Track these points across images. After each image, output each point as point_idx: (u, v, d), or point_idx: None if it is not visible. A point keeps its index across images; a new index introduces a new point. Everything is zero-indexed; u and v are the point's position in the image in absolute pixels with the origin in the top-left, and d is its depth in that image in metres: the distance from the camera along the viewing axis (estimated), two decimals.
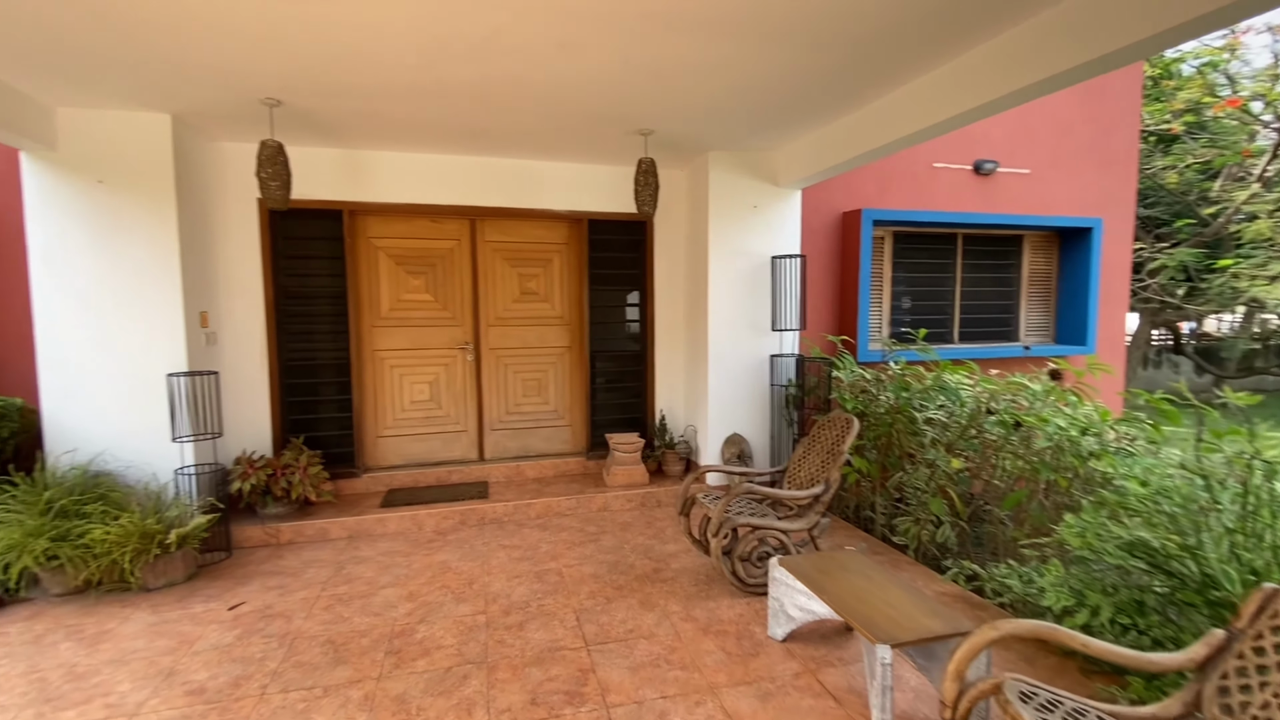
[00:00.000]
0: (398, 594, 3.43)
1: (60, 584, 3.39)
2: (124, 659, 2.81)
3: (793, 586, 2.86)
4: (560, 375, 5.53)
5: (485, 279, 5.28)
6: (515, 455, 5.45)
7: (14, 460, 3.70)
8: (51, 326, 3.78)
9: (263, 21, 2.71)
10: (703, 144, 4.69)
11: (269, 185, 3.72)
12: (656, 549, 4.03)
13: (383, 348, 5.12)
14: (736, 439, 5.01)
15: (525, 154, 4.91)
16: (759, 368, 5.07)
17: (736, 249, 4.97)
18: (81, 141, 3.77)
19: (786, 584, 2.88)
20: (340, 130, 4.24)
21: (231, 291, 4.58)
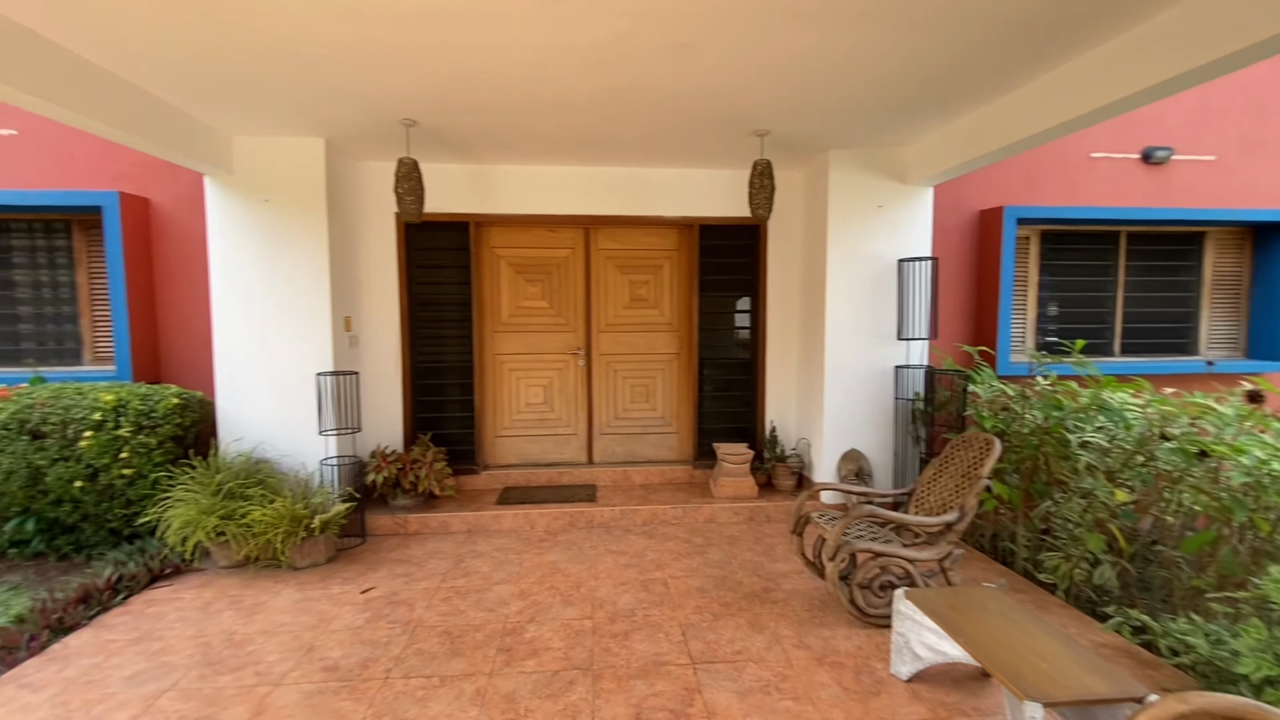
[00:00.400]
0: (510, 591, 3.53)
1: (225, 557, 3.83)
2: (273, 631, 3.10)
3: (920, 622, 2.60)
4: (668, 382, 5.49)
5: (597, 286, 5.37)
6: (622, 460, 5.48)
7: (194, 445, 4.24)
8: (225, 329, 4.30)
9: (401, 47, 2.90)
10: (822, 142, 4.47)
11: (404, 199, 4.00)
12: (766, 567, 3.86)
13: (502, 352, 5.34)
14: (855, 455, 4.70)
15: (638, 162, 4.93)
16: (881, 379, 4.73)
17: (858, 252, 4.68)
18: (252, 165, 4.26)
19: (914, 619, 2.62)
20: (468, 146, 4.48)
21: (371, 298, 4.99)
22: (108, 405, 3.87)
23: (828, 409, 4.72)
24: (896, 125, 4.12)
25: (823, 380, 4.73)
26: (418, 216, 4.09)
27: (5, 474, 3.84)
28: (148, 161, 4.67)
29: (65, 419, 3.83)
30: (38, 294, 4.81)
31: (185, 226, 4.76)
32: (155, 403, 3.98)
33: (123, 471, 3.87)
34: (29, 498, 3.93)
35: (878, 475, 4.78)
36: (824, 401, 4.72)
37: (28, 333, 4.82)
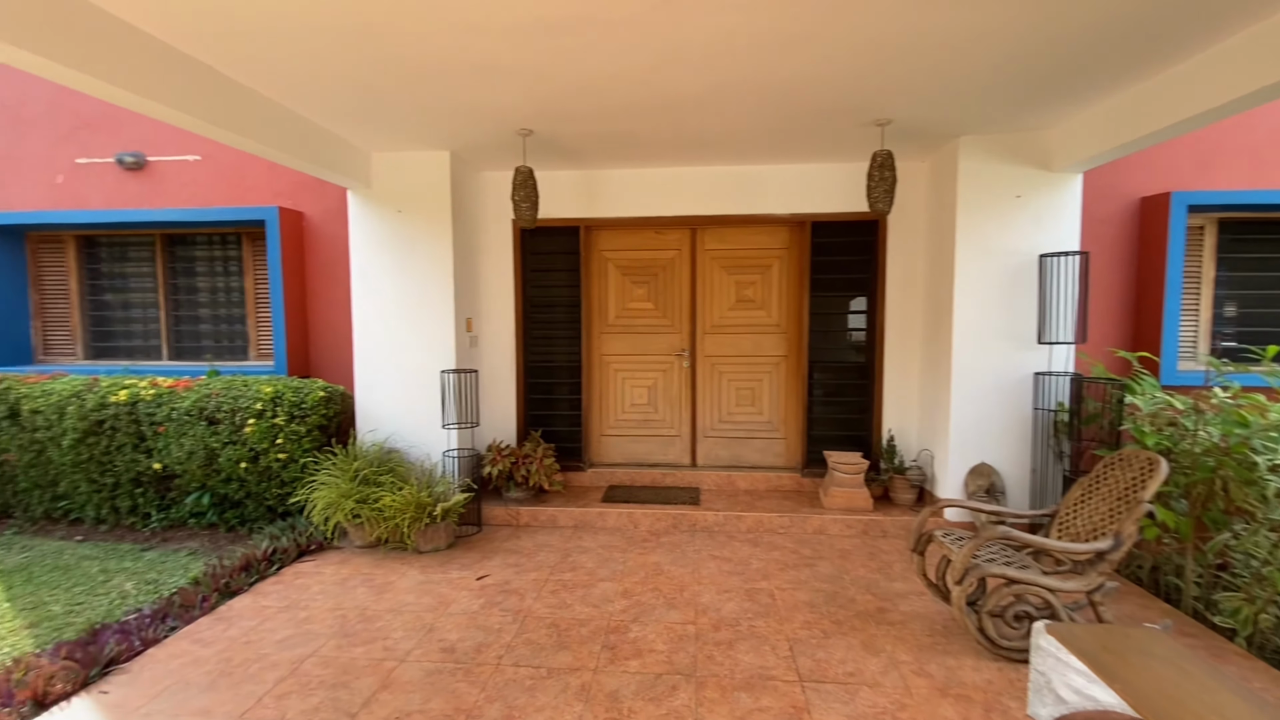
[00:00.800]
0: (614, 589, 3.57)
1: (360, 538, 4.19)
2: (399, 610, 3.34)
3: (1066, 661, 2.31)
4: (775, 385, 5.32)
5: (703, 287, 5.32)
6: (727, 464, 5.38)
7: (336, 434, 4.68)
8: (363, 328, 4.70)
9: (519, 59, 3.02)
10: (951, 129, 4.13)
11: (520, 206, 4.17)
12: (881, 585, 3.62)
13: (608, 352, 5.44)
14: (985, 470, 4.30)
15: (747, 160, 4.82)
16: (1017, 387, 4.30)
17: (992, 247, 4.28)
18: (388, 179, 4.63)
19: (1057, 657, 2.33)
20: (579, 153, 4.59)
21: (489, 301, 5.26)
22: (267, 396, 4.36)
23: (954, 419, 4.36)
24: (1039, 106, 3.72)
25: (948, 387, 4.38)
26: (532, 222, 4.25)
27: (187, 454, 4.43)
28: (302, 179, 5.22)
29: (234, 407, 4.37)
30: (214, 298, 5.52)
31: (332, 237, 5.27)
32: (305, 395, 4.43)
33: (278, 455, 4.34)
34: (205, 475, 4.52)
35: (1012, 493, 4.34)
36: (950, 410, 4.37)
37: (206, 331, 5.56)
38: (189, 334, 5.58)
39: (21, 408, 4.59)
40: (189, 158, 5.31)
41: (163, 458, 4.51)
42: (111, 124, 5.35)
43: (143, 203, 5.38)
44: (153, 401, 4.48)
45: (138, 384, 4.58)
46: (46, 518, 4.88)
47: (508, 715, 2.45)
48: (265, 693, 2.61)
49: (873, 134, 4.13)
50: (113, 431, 4.53)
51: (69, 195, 5.43)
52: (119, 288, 5.63)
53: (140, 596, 3.63)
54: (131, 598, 3.62)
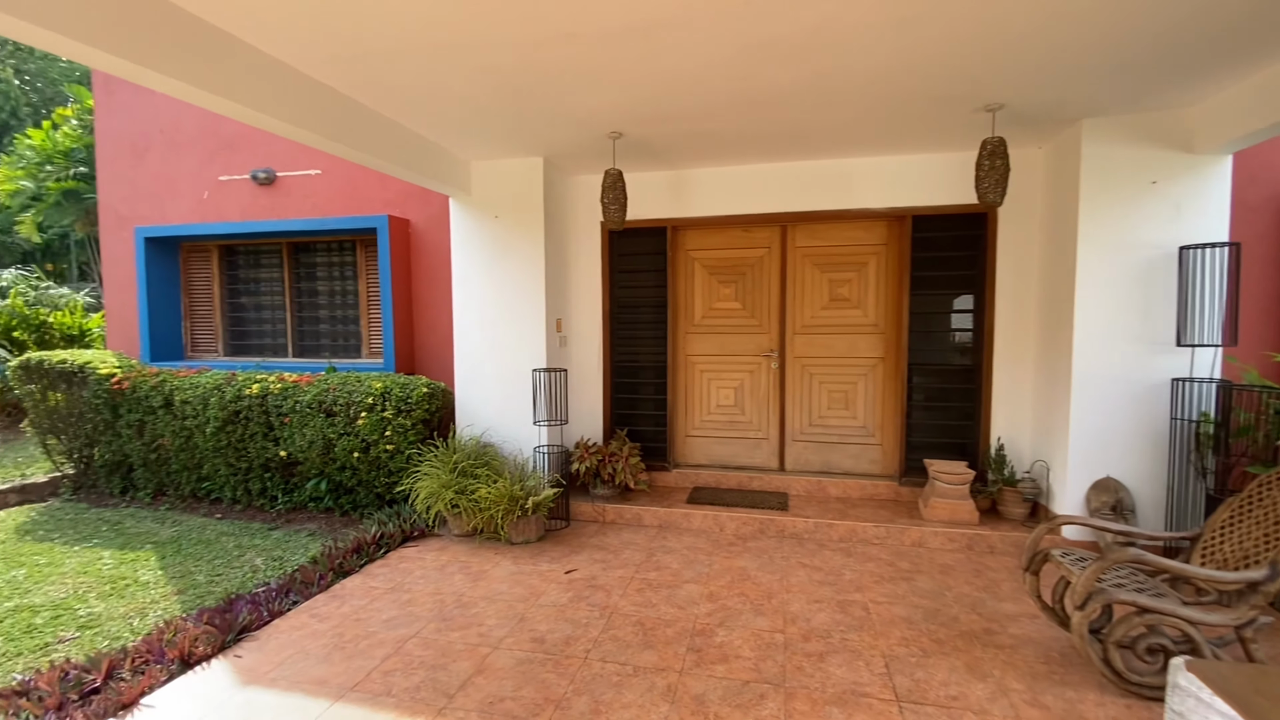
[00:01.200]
0: (699, 591, 3.54)
1: (458, 527, 4.41)
2: (493, 598, 3.48)
3: (1210, 704, 2.04)
4: (871, 389, 5.09)
5: (793, 286, 5.17)
6: (817, 470, 5.21)
7: (438, 428, 4.96)
8: (462, 328, 4.95)
9: (611, 63, 3.06)
10: (1072, 111, 3.78)
11: (610, 208, 4.24)
12: (988, 605, 3.37)
13: (694, 353, 5.41)
14: (1111, 485, 3.90)
15: (841, 153, 4.64)
16: (1150, 394, 3.87)
17: (1120, 239, 3.87)
18: (485, 186, 4.85)
19: (1199, 698, 2.07)
20: (667, 153, 4.60)
21: (578, 301, 5.38)
22: (377, 392, 4.69)
23: (1074, 428, 3.99)
24: (1180, 81, 3.33)
25: (1068, 393, 4.01)
26: (621, 224, 4.30)
27: (308, 443, 4.84)
28: (408, 189, 5.57)
29: (348, 401, 4.73)
30: (332, 300, 6.00)
31: (435, 242, 5.59)
32: (410, 391, 4.72)
33: (386, 447, 4.65)
34: (323, 463, 4.92)
35: (1143, 512, 3.91)
36: (1070, 419, 4.00)
37: (325, 331, 6.05)
38: (310, 333, 6.09)
39: (174, 399, 5.19)
40: (311, 172, 5.81)
41: (288, 446, 4.95)
42: (247, 144, 5.95)
43: (272, 214, 5.93)
44: (280, 395, 4.93)
45: (267, 379, 5.05)
46: (193, 496, 5.49)
47: (594, 709, 2.49)
48: (373, 668, 2.80)
49: (982, 120, 3.85)
50: (246, 421, 5.03)
51: (213, 209, 6.09)
52: (252, 291, 6.25)
53: (268, 571, 4.00)
54: (261, 572, 4.00)
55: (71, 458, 5.69)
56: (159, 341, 6.21)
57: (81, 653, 3.01)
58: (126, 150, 6.33)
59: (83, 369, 5.38)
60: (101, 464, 5.61)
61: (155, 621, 3.34)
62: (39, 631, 3.26)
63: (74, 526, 4.88)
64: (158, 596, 3.70)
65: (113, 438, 5.49)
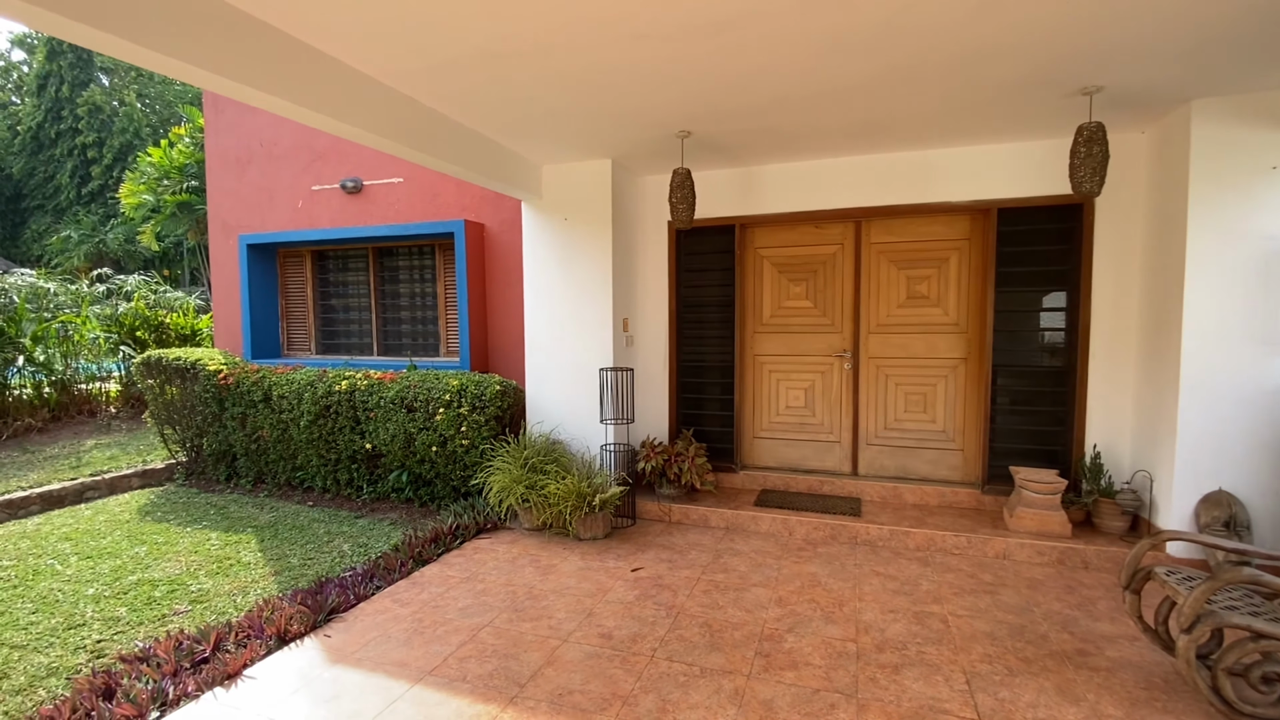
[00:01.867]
0: (767, 595, 3.49)
1: (529, 521, 4.53)
2: (561, 592, 3.56)
3: None
4: (952, 391, 4.86)
5: (868, 283, 5.00)
6: (892, 475, 5.02)
7: (510, 425, 5.12)
8: (533, 328, 5.08)
9: (680, 61, 3.07)
10: (1180, 91, 3.47)
11: (678, 207, 4.24)
12: (1081, 623, 3.15)
13: (762, 353, 5.33)
14: (1224, 499, 3.56)
15: (919, 144, 4.45)
16: (1270, 400, 3.50)
17: (1236, 230, 3.52)
18: (555, 189, 4.96)
19: None
20: (736, 150, 4.56)
21: (645, 301, 5.42)
22: (453, 389, 4.89)
23: (1182, 435, 3.66)
24: None
25: (1176, 397, 3.68)
26: (689, 223, 4.30)
27: (391, 436, 5.11)
28: (483, 194, 5.77)
29: (427, 398, 4.95)
30: (413, 301, 6.31)
31: (508, 245, 5.77)
32: (484, 388, 4.90)
33: (461, 441, 4.84)
34: (404, 456, 5.17)
35: (1260, 530, 3.54)
36: (1177, 425, 3.67)
37: (406, 331, 6.36)
38: (393, 333, 6.43)
39: (273, 393, 5.60)
40: (393, 180, 6.12)
41: (373, 439, 5.24)
42: (337, 155, 6.33)
43: (359, 221, 6.30)
44: (366, 391, 5.23)
45: (355, 376, 5.37)
46: (288, 484, 5.90)
47: (661, 707, 2.50)
48: (450, 654, 2.92)
49: (1077, 104, 3.60)
50: (336, 415, 5.36)
51: (306, 217, 6.52)
52: (341, 294, 6.65)
53: (354, 557, 4.25)
54: (348, 557, 4.25)
55: (184, 446, 6.24)
56: (259, 340, 6.71)
57: (193, 625, 3.29)
58: (232, 164, 6.88)
59: (194, 365, 5.89)
60: (210, 453, 6.12)
61: (255, 599, 3.61)
62: (158, 604, 3.59)
63: (186, 509, 5.35)
64: (257, 576, 4.00)
65: (219, 429, 5.98)
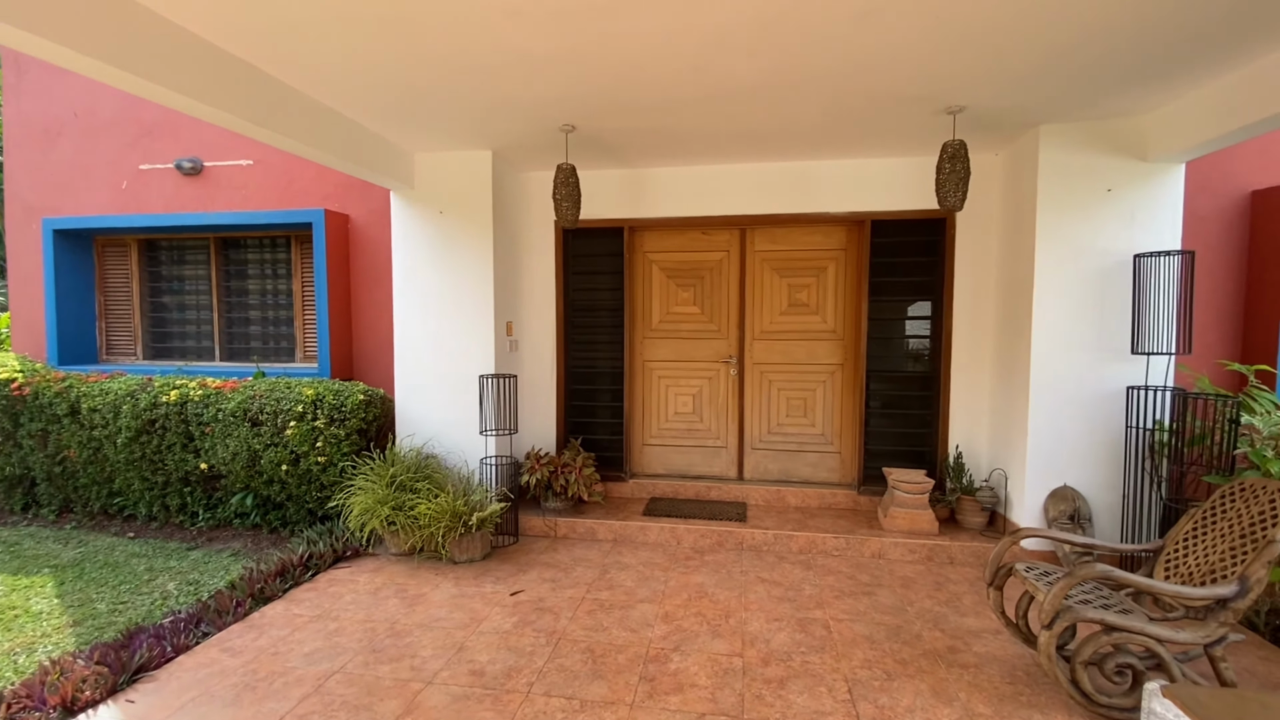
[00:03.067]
0: (654, 611, 3.33)
1: (396, 545, 4.09)
2: (429, 625, 3.19)
3: None
4: (829, 395, 4.99)
5: (752, 291, 5.04)
6: (776, 479, 5.07)
7: (376, 439, 4.62)
8: (404, 332, 4.63)
9: (561, 47, 2.85)
10: (1030, 117, 3.75)
11: (562, 205, 4.01)
12: (950, 620, 3.27)
13: (652, 359, 5.22)
14: (1068, 494, 3.87)
15: (801, 154, 4.53)
16: (1106, 403, 3.85)
17: (1077, 246, 3.86)
18: (430, 180, 4.56)
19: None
20: (624, 150, 4.41)
21: (531, 304, 5.13)
22: (308, 399, 4.33)
23: (1032, 436, 3.95)
24: (1134, 88, 3.31)
25: (1026, 401, 3.97)
26: (574, 222, 4.08)
27: (232, 454, 4.45)
28: (348, 182, 5.22)
29: (276, 410, 4.36)
30: (263, 300, 5.59)
31: (376, 239, 5.25)
32: (345, 398, 4.38)
33: (318, 459, 4.30)
34: (249, 476, 4.52)
35: (1099, 522, 3.89)
36: (1028, 427, 3.95)
37: (256, 333, 5.63)
38: (240, 335, 5.66)
39: (81, 406, 4.71)
40: (241, 162, 5.40)
41: (209, 458, 4.54)
42: (171, 131, 5.49)
43: (199, 206, 5.49)
44: (201, 402, 4.52)
45: (188, 384, 4.63)
46: (104, 513, 5.00)
47: None
48: (286, 712, 2.49)
49: (942, 123, 3.79)
50: (163, 431, 4.60)
51: (132, 200, 5.60)
52: (176, 290, 5.77)
53: (181, 598, 3.61)
54: (172, 598, 3.61)
55: None
56: (68, 343, 5.67)
57: None
58: (38, 135, 5.78)
59: None
60: (0, 479, 5.06)
61: (42, 659, 2.94)
62: None
63: None
64: (50, 629, 3.30)
65: (12, 449, 4.97)
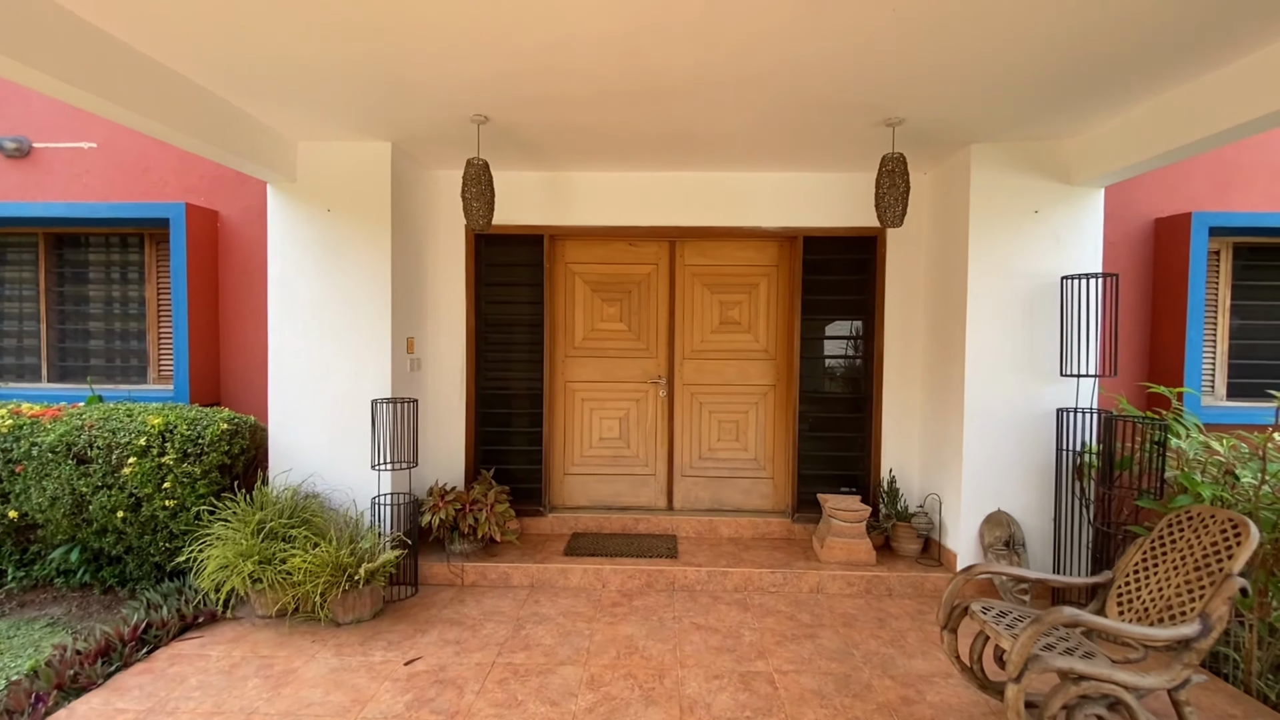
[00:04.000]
0: (577, 675, 2.88)
1: (262, 606, 3.40)
2: (297, 714, 2.57)
3: None
4: (762, 418, 4.75)
5: (682, 307, 4.74)
6: (708, 508, 4.76)
7: (244, 476, 3.89)
8: (281, 349, 3.95)
9: (472, 21, 2.41)
10: (962, 135, 3.68)
11: (472, 205, 3.53)
12: (899, 664, 3.03)
13: (575, 379, 4.79)
14: (1003, 519, 3.78)
15: (733, 165, 4.30)
16: (1036, 425, 3.81)
17: (1008, 267, 3.82)
18: (316, 172, 3.94)
19: None
20: (544, 149, 4.00)
21: (437, 318, 4.57)
22: (153, 430, 3.56)
23: (967, 460, 3.84)
24: (1061, 111, 3.30)
25: (961, 424, 3.86)
26: (486, 226, 3.61)
27: (50, 499, 3.59)
28: (219, 173, 4.48)
29: (111, 443, 3.55)
30: (109, 309, 4.68)
31: (252, 240, 4.53)
32: (203, 428, 3.64)
33: (165, 503, 3.54)
34: (74, 526, 3.67)
35: (1032, 546, 3.83)
36: (963, 450, 3.85)
37: (98, 349, 4.70)
38: (76, 351, 4.71)
39: None
40: (82, 145, 4.52)
41: (20, 503, 3.65)
42: None
43: (24, 195, 4.55)
44: (10, 434, 3.63)
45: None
46: None
47: None
48: None
49: (881, 136, 3.65)
50: None
51: None
52: None
53: None
54: None
55: None
56: None
57: None
58: None
59: None
60: None
61: None
62: None
63: None
64: None
65: None
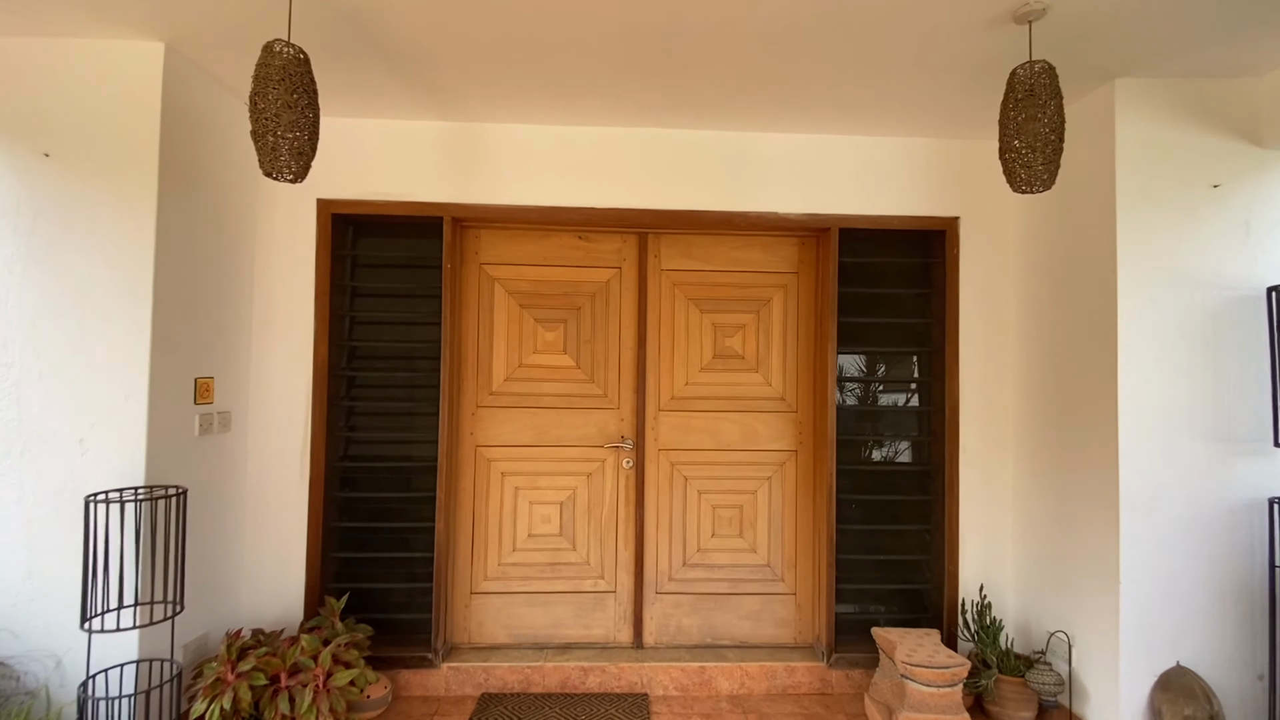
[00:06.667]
0: None
1: None
2: None
3: None
4: (777, 500, 3.17)
5: (658, 332, 3.16)
6: (696, 643, 3.09)
7: None
8: None
9: None
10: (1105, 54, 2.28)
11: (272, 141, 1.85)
12: None
13: (491, 442, 3.12)
14: (1195, 687, 2.23)
15: (735, 119, 2.83)
16: (1233, 523, 2.35)
17: (1177, 273, 2.40)
18: (20, 91, 2.25)
19: None
20: (443, 76, 2.42)
21: (264, 346, 2.85)
22: None
23: (1125, 581, 2.33)
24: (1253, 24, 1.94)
25: (1112, 522, 2.35)
26: (301, 174, 1.94)
27: None
28: None
29: None
30: None
31: None
32: None
33: None
34: None
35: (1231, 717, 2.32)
36: (1119, 565, 2.33)
37: None
38: None
39: None
40: None
41: None
42: None
43: None
44: None
45: None
46: None
47: None
48: None
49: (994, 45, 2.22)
50: None
51: None
52: None
53: None
54: None
55: None
56: None
57: None
58: None
59: None
60: None
61: None
62: None
63: None
64: None
65: None
